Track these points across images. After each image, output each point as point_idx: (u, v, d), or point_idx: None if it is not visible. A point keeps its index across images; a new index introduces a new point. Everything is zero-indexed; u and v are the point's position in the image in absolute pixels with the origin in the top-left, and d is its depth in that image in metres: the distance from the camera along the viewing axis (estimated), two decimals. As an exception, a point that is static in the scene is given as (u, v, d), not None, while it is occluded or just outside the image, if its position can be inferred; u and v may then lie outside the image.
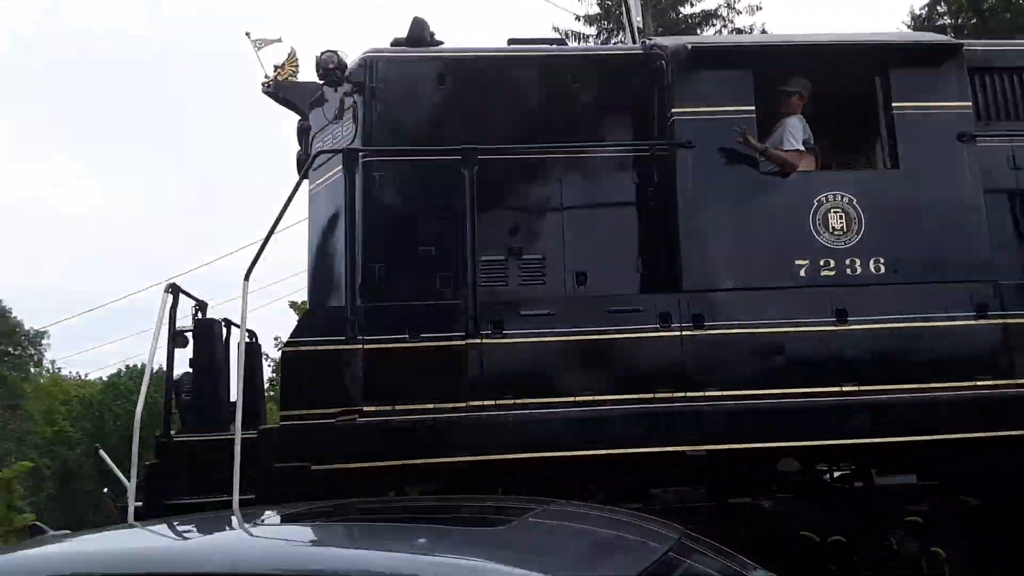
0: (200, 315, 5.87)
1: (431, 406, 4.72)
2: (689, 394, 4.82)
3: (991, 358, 4.98)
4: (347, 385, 4.73)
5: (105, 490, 5.12)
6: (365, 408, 4.70)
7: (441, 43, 6.07)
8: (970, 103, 5.32)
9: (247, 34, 6.45)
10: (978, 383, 4.91)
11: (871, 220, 5.11)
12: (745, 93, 5.16)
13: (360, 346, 4.75)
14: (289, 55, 6.34)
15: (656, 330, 4.91)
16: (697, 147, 5.13)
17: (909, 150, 5.26)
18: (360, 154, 5.41)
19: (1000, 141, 5.56)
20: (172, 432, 5.26)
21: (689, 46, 5.23)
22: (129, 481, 4.66)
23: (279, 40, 6.52)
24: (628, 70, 5.53)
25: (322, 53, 5.66)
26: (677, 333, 4.91)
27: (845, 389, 4.87)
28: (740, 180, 5.14)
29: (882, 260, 5.08)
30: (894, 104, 5.25)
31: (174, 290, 5.28)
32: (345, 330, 4.75)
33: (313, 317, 5.30)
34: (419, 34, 5.92)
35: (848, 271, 5.06)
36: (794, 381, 4.91)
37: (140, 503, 4.70)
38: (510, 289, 5.23)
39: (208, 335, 5.67)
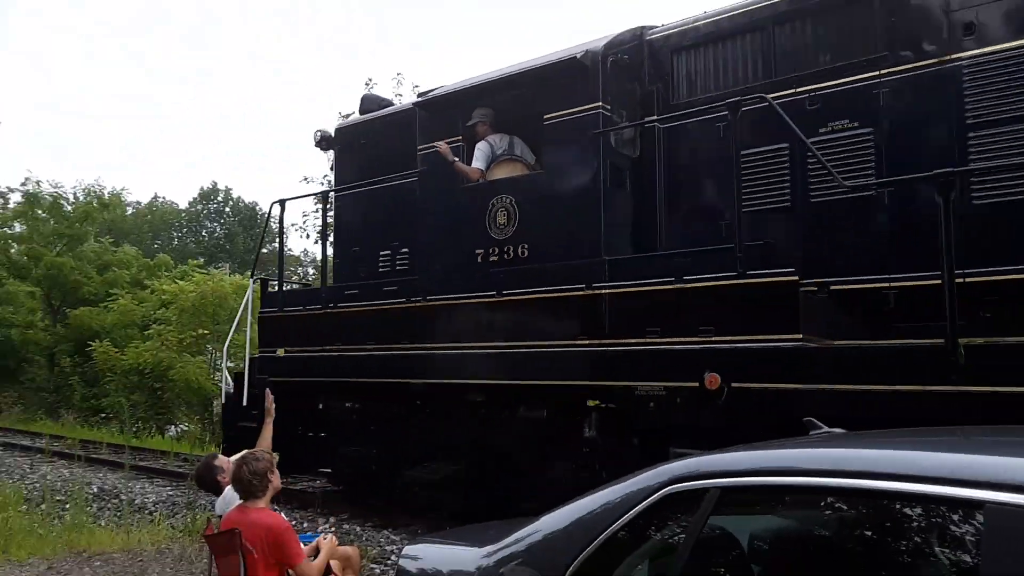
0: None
1: (310, 348, 8.26)
2: (415, 345, 7.27)
3: (592, 322, 6.07)
4: (280, 335, 8.60)
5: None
6: (287, 348, 8.51)
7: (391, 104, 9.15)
8: (598, 103, 6.16)
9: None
10: (580, 342, 6.12)
11: (523, 215, 6.58)
12: (453, 128, 7.08)
13: (284, 313, 8.56)
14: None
15: (402, 303, 7.43)
16: (428, 173, 7.31)
17: (551, 154, 6.47)
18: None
19: (715, 114, 6.15)
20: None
21: (416, 98, 7.35)
22: (223, 380, 9.42)
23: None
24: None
25: (315, 131, 9.40)
26: (409, 304, 7.35)
27: (495, 344, 6.66)
28: (448, 195, 7.13)
29: (526, 246, 6.55)
30: (544, 116, 6.48)
31: (261, 282, 9.78)
32: (278, 304, 8.63)
33: (268, 297, 9.17)
34: (367, 107, 9.13)
35: (506, 256, 6.68)
36: (474, 337, 6.87)
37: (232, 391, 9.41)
38: (391, 272, 8.22)
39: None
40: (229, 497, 4.54)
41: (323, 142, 9.30)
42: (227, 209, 54.78)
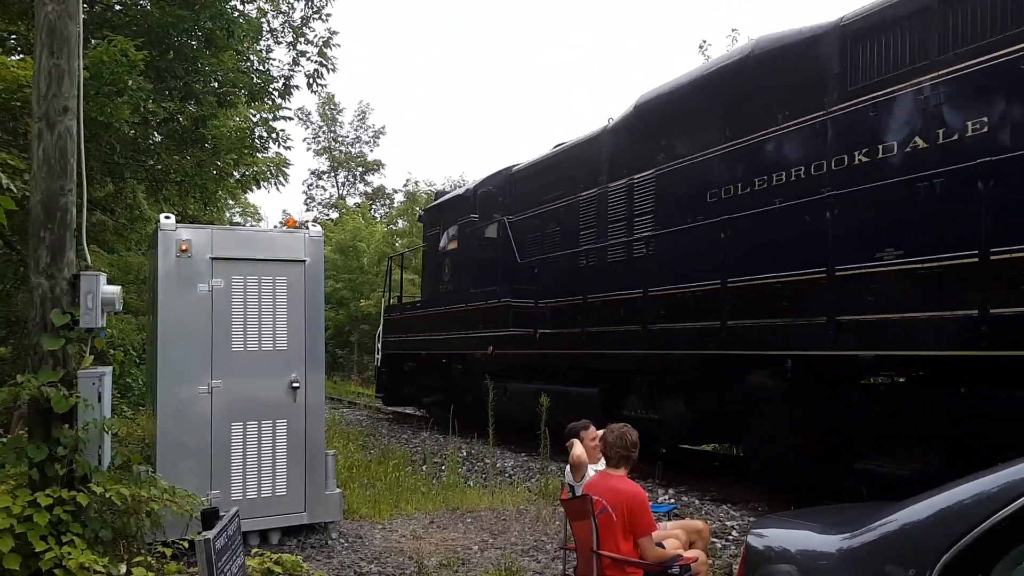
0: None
1: (397, 335, 15.58)
2: (423, 334, 14.13)
3: (464, 323, 12.42)
4: (389, 329, 16.05)
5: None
6: (391, 335, 15.95)
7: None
8: (470, 215, 12.50)
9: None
10: (461, 332, 12.55)
11: (453, 269, 13.17)
12: (438, 222, 13.87)
13: (389, 316, 16.02)
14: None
15: (419, 312, 14.35)
16: (428, 246, 14.18)
17: (460, 238, 12.96)
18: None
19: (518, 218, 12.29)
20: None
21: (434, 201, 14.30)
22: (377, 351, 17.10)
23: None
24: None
25: (419, 212, 16.78)
26: (420, 313, 14.25)
27: (442, 334, 13.29)
28: (432, 258, 13.92)
29: (453, 285, 13.12)
30: (458, 220, 13.00)
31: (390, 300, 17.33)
32: (387, 312, 16.13)
33: (386, 308, 16.46)
34: (436, 196, 16.22)
35: (448, 288, 13.30)
36: (441, 330, 13.56)
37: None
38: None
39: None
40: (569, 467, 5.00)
41: (420, 217, 16.62)
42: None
